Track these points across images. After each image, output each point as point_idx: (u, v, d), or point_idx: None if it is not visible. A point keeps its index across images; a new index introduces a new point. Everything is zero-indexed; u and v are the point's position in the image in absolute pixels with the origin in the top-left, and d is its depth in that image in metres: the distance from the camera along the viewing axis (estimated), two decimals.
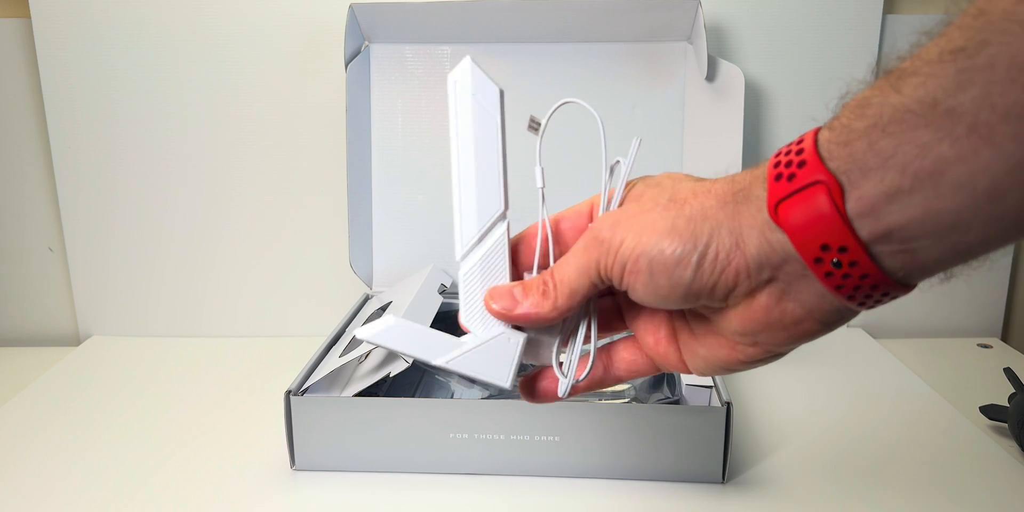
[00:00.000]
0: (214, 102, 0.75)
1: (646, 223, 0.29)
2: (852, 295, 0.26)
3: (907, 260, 0.25)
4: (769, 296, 0.28)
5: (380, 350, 0.56)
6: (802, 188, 0.25)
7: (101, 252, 0.79)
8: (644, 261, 0.29)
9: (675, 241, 0.28)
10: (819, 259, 0.26)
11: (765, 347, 0.30)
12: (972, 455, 0.55)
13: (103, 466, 0.55)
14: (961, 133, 0.22)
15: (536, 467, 0.52)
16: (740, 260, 0.27)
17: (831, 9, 0.72)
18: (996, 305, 0.81)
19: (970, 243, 0.24)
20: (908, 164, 0.23)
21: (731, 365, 0.31)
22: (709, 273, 0.28)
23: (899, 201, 0.24)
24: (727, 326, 0.30)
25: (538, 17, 0.70)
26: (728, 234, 0.27)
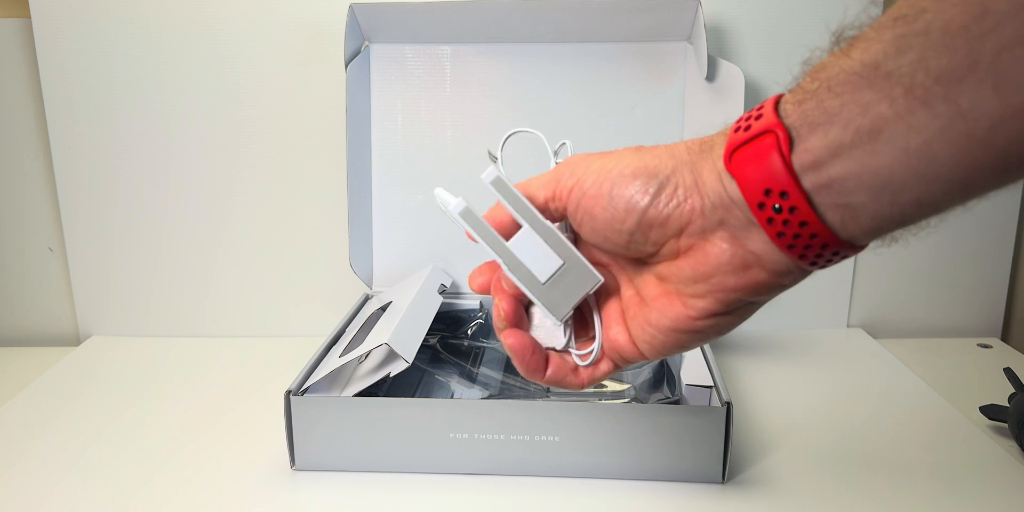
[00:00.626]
0: (214, 102, 0.75)
1: (616, 157, 0.31)
2: (793, 245, 0.28)
3: (846, 216, 0.26)
4: (721, 239, 0.29)
5: (380, 350, 0.56)
6: (755, 137, 0.27)
7: (101, 252, 0.79)
8: (607, 185, 0.30)
9: (639, 171, 0.30)
10: (762, 204, 0.27)
11: (716, 296, 0.30)
12: (972, 455, 0.55)
13: (103, 466, 0.55)
14: (899, 94, 0.24)
15: (536, 467, 0.52)
16: (697, 199, 0.29)
17: (831, 9, 0.72)
18: (996, 305, 0.81)
19: (903, 203, 0.25)
20: (850, 121, 0.25)
21: (682, 324, 0.31)
22: (665, 204, 0.29)
23: (840, 155, 0.25)
24: (679, 274, 0.31)
25: (538, 17, 0.70)
26: (689, 173, 0.29)
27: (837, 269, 0.78)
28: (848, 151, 0.25)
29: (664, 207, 0.29)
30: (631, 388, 0.62)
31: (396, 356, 0.53)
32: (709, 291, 0.30)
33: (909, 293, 0.80)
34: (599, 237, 0.32)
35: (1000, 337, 0.81)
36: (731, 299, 0.30)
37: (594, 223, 0.31)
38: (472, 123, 0.74)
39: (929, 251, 0.79)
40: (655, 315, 0.32)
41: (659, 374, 0.63)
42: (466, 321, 0.71)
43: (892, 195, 0.25)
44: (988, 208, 0.78)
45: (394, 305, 0.63)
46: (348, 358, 0.54)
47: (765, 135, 0.27)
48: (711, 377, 0.54)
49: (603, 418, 0.51)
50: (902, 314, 0.81)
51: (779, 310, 0.80)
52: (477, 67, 0.73)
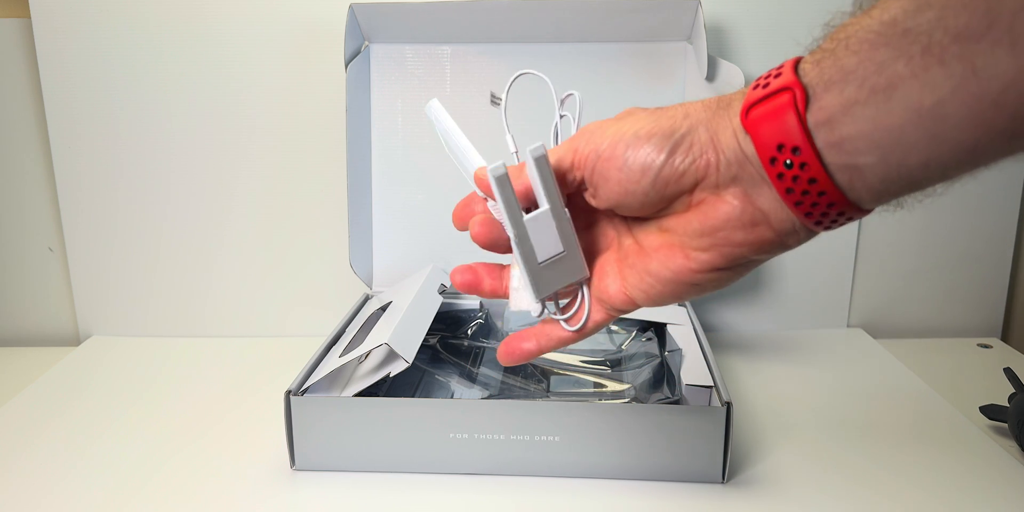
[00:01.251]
0: (214, 102, 0.75)
1: (631, 120, 0.32)
2: (800, 201, 0.28)
3: (854, 176, 0.27)
4: (733, 195, 0.30)
5: (380, 350, 0.56)
6: (772, 93, 0.28)
7: (101, 252, 0.79)
8: (622, 146, 0.31)
9: (654, 131, 0.30)
10: (774, 159, 0.28)
11: (720, 250, 0.31)
12: (972, 455, 0.55)
13: (103, 466, 0.55)
14: (916, 52, 0.24)
15: (536, 467, 0.52)
16: (712, 155, 0.29)
17: (831, 9, 0.72)
18: (996, 305, 0.81)
19: (912, 166, 0.26)
20: (866, 79, 0.25)
21: (682, 276, 0.32)
22: (680, 160, 0.30)
23: (853, 113, 0.26)
24: (686, 228, 0.31)
25: (538, 17, 0.70)
26: (705, 131, 0.30)
27: (837, 269, 0.78)
28: (861, 109, 0.26)
29: (680, 164, 0.30)
30: (631, 388, 0.62)
31: (396, 356, 0.53)
32: (714, 245, 0.31)
33: (909, 293, 0.80)
34: (614, 200, 0.32)
35: (1000, 337, 0.81)
36: (735, 254, 0.31)
37: (608, 185, 0.32)
38: (472, 123, 0.73)
39: (929, 251, 0.79)
40: (655, 265, 0.33)
41: (659, 374, 0.63)
42: (466, 321, 0.71)
43: (901, 156, 0.26)
44: (988, 208, 0.78)
45: (394, 305, 0.63)
46: (348, 358, 0.55)
47: (782, 92, 0.27)
48: (711, 377, 0.54)
49: (603, 418, 0.51)
50: (902, 314, 0.81)
51: (779, 310, 0.80)
52: (477, 67, 0.73)
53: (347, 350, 0.57)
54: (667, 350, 0.64)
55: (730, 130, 0.29)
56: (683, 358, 0.58)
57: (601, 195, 0.33)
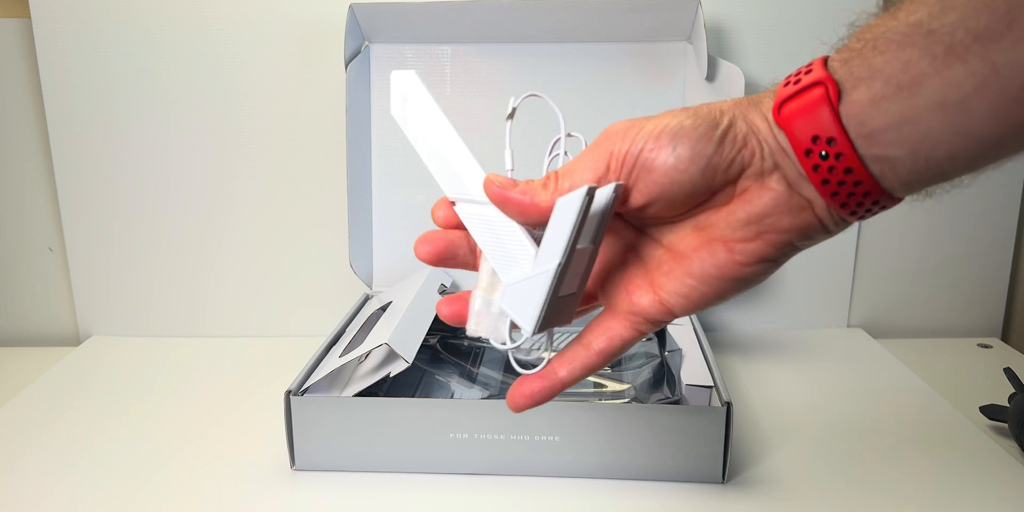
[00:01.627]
0: (214, 102, 0.75)
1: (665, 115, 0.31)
2: (837, 192, 0.29)
3: (885, 168, 0.28)
4: (777, 181, 0.30)
5: (380, 350, 0.56)
6: (805, 88, 0.29)
7: (101, 252, 0.79)
8: (667, 136, 0.30)
9: (698, 122, 0.30)
10: (809, 151, 0.28)
11: (766, 238, 0.30)
12: (972, 455, 0.55)
13: (103, 466, 0.55)
14: (939, 51, 0.25)
15: (536, 467, 0.52)
16: (755, 142, 0.30)
17: (831, 9, 0.72)
18: (996, 305, 0.81)
19: (939, 159, 0.27)
20: (892, 76, 0.26)
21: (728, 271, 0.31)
22: (729, 148, 0.30)
23: (881, 107, 0.27)
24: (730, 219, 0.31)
25: (538, 17, 0.70)
26: (743, 122, 0.30)
27: (837, 269, 0.78)
28: (889, 104, 0.27)
29: (728, 152, 0.30)
30: (631, 388, 0.62)
31: (396, 356, 0.53)
32: (760, 233, 0.30)
33: (909, 293, 0.80)
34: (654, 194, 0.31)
35: (1000, 337, 0.81)
36: (782, 241, 0.31)
37: (652, 177, 0.30)
38: (472, 123, 0.74)
39: (929, 251, 0.79)
40: (697, 265, 0.31)
41: (659, 374, 0.63)
42: None
43: (929, 149, 0.26)
44: (988, 209, 0.78)
45: (394, 305, 0.63)
46: (348, 358, 0.55)
47: (815, 87, 0.28)
48: (711, 377, 0.54)
49: (603, 418, 0.51)
50: (902, 314, 0.81)
51: (779, 310, 0.80)
52: (477, 67, 0.73)
53: (347, 350, 0.57)
54: (667, 350, 0.64)
55: (765, 124, 0.30)
56: (683, 358, 0.58)
57: (640, 189, 0.31)
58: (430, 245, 0.34)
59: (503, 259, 0.32)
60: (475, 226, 0.33)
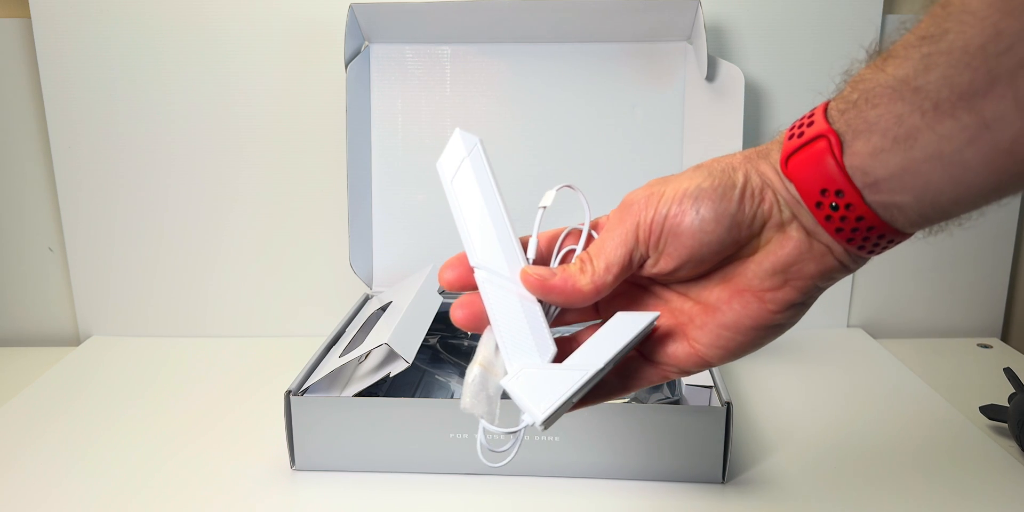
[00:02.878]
0: (214, 102, 0.75)
1: (681, 179, 0.32)
2: (852, 238, 0.29)
3: (894, 212, 0.28)
4: (797, 230, 0.31)
5: (380, 350, 0.56)
6: (809, 142, 0.29)
7: (101, 252, 0.79)
8: (689, 199, 0.31)
9: (716, 184, 0.31)
10: (819, 203, 0.29)
11: (793, 284, 0.31)
12: (972, 455, 0.55)
13: (103, 466, 0.55)
14: (928, 107, 0.25)
15: (536, 467, 0.52)
16: (771, 195, 0.31)
17: (831, 9, 0.72)
18: (996, 305, 0.81)
19: (944, 203, 0.27)
20: (888, 130, 0.27)
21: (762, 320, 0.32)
22: (749, 204, 0.31)
23: (881, 159, 0.27)
24: (757, 270, 0.31)
25: (538, 17, 0.70)
26: (756, 176, 0.31)
27: None
28: (888, 156, 0.27)
29: (749, 208, 0.31)
30: None
31: (396, 356, 0.53)
32: (787, 280, 0.31)
33: (909, 293, 0.80)
34: (684, 256, 0.31)
35: (1000, 337, 0.81)
36: (808, 287, 0.31)
37: (680, 240, 0.31)
38: (472, 123, 0.74)
39: (929, 251, 0.79)
40: (731, 317, 0.32)
41: None
42: None
43: (933, 196, 0.27)
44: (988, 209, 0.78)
45: (394, 305, 0.63)
46: (348, 358, 0.54)
47: (818, 140, 0.29)
48: (711, 377, 0.54)
49: (603, 418, 0.51)
50: (902, 314, 0.81)
51: None
52: (477, 67, 0.73)
53: (347, 350, 0.57)
54: None
55: (777, 177, 0.31)
56: None
57: (669, 253, 0.32)
58: (467, 309, 0.34)
59: (512, 336, 0.32)
60: (492, 297, 0.32)
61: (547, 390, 0.31)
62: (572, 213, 0.37)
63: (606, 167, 0.73)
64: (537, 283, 0.32)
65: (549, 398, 0.30)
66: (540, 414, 0.30)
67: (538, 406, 0.30)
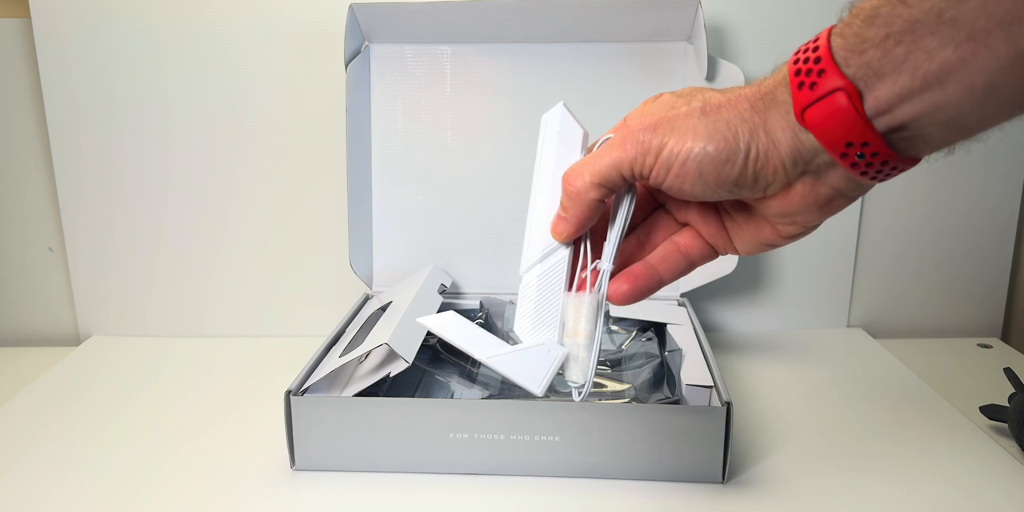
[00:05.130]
0: (214, 102, 0.75)
1: (687, 127, 0.32)
2: (874, 176, 0.31)
3: (917, 141, 0.30)
4: (803, 185, 0.32)
5: (380, 350, 0.56)
6: (824, 96, 0.29)
7: (101, 252, 0.79)
8: (693, 164, 0.32)
9: (719, 144, 0.32)
10: (845, 154, 0.30)
11: (802, 224, 0.34)
12: (972, 455, 0.55)
13: (103, 466, 0.55)
14: (962, 39, 0.26)
15: (536, 467, 0.52)
16: (776, 158, 0.32)
17: (831, 9, 0.72)
18: (996, 305, 0.81)
19: (969, 126, 0.28)
20: (917, 68, 0.27)
21: (775, 242, 0.36)
22: (752, 169, 0.32)
23: (910, 99, 0.28)
24: (768, 211, 0.34)
25: (538, 17, 0.70)
26: (764, 135, 0.31)
27: (837, 269, 0.79)
28: (918, 95, 0.27)
29: (751, 171, 0.32)
30: (631, 388, 0.62)
31: (396, 356, 0.53)
32: (795, 222, 0.34)
33: (909, 293, 0.80)
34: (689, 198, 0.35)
35: (1000, 337, 0.81)
36: (813, 224, 0.35)
37: (683, 191, 0.34)
38: (472, 123, 0.74)
39: (929, 251, 0.79)
40: (750, 234, 0.36)
41: (659, 374, 0.63)
42: None
43: (959, 122, 0.28)
44: (988, 208, 0.78)
45: (394, 305, 0.63)
46: (348, 358, 0.55)
47: (835, 93, 0.29)
48: (711, 377, 0.54)
49: (603, 418, 0.51)
50: (902, 314, 0.81)
51: (779, 310, 0.80)
52: (477, 67, 0.73)
53: (347, 350, 0.57)
54: (667, 350, 0.64)
55: (788, 132, 0.31)
56: (683, 358, 0.58)
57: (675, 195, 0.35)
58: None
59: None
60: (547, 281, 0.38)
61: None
62: None
63: None
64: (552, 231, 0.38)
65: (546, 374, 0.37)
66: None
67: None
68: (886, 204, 0.78)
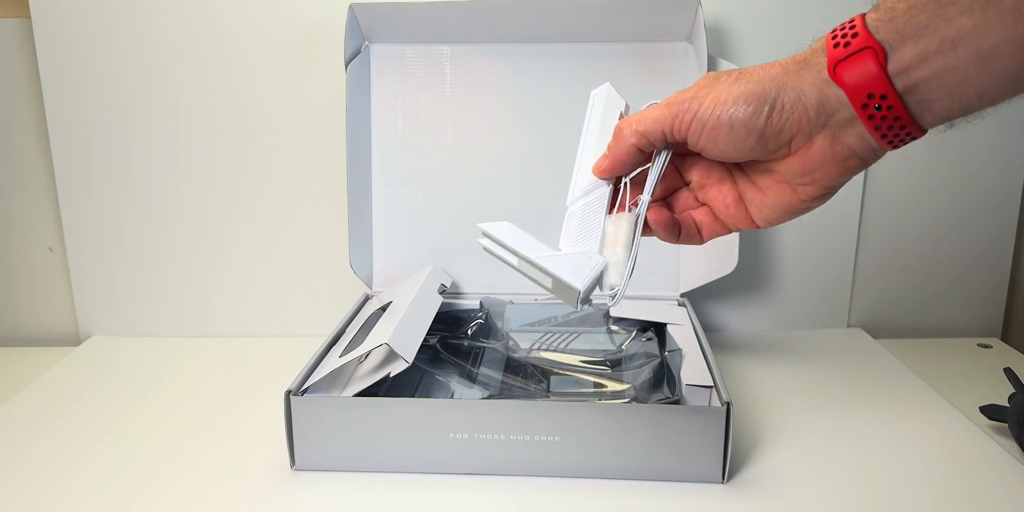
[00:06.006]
0: (214, 102, 0.75)
1: (722, 89, 0.38)
2: (885, 134, 0.35)
3: (924, 108, 0.34)
4: (823, 139, 0.36)
5: (380, 350, 0.56)
6: (856, 52, 0.34)
7: (101, 252, 0.79)
8: (725, 118, 0.37)
9: (749, 99, 0.37)
10: (865, 105, 0.35)
11: (820, 184, 0.38)
12: (972, 455, 0.55)
13: (103, 466, 0.55)
14: (979, 6, 0.31)
15: (536, 467, 0.52)
16: (802, 111, 0.36)
17: (831, 9, 0.72)
18: (996, 305, 0.81)
19: (969, 96, 0.33)
20: (936, 32, 0.32)
21: (794, 206, 0.40)
22: (777, 120, 0.36)
23: (927, 61, 0.33)
24: (789, 171, 0.38)
25: (538, 17, 0.70)
26: (792, 91, 0.36)
27: (837, 269, 0.79)
28: (933, 57, 0.32)
29: (777, 122, 0.36)
30: (631, 388, 0.62)
31: (396, 356, 0.53)
32: (814, 180, 0.38)
33: (909, 293, 0.80)
34: (722, 154, 0.39)
35: (1000, 337, 0.81)
36: (831, 184, 0.38)
37: (717, 145, 0.38)
38: (472, 123, 0.74)
39: (929, 251, 0.79)
40: (771, 200, 0.40)
41: (659, 374, 0.63)
42: (466, 321, 0.71)
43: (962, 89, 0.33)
44: (988, 208, 0.78)
45: (394, 305, 0.63)
46: (348, 358, 0.55)
47: (864, 51, 0.34)
48: (711, 377, 0.54)
49: (603, 418, 0.51)
50: (902, 314, 0.81)
51: (779, 310, 0.80)
52: (477, 67, 0.73)
53: (347, 350, 0.57)
54: (667, 350, 0.64)
55: (815, 87, 0.36)
56: (683, 358, 0.58)
57: (709, 152, 0.39)
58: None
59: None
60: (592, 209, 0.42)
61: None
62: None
63: None
64: (594, 168, 0.43)
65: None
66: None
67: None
68: (886, 204, 0.78)
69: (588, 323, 0.73)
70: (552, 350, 0.70)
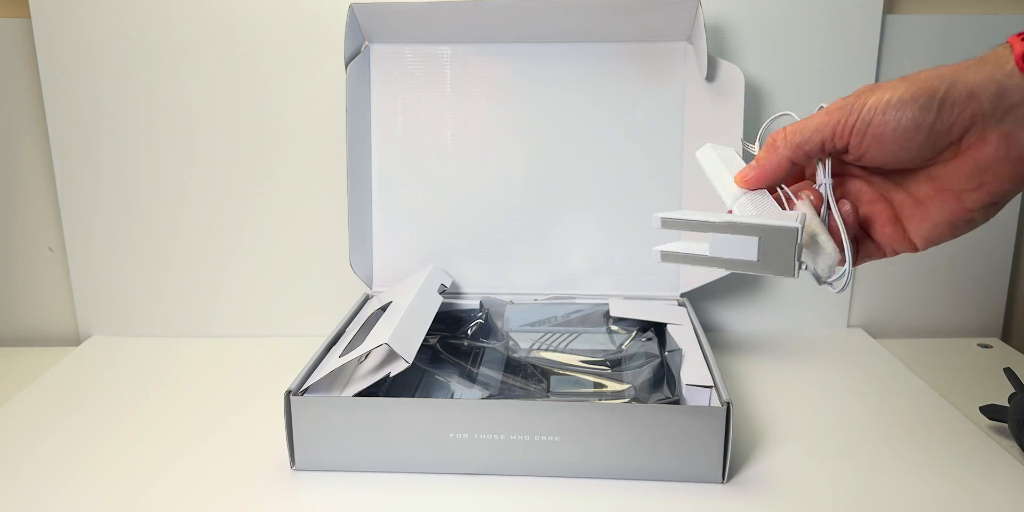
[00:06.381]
0: (214, 102, 0.75)
1: (886, 89, 0.36)
2: None
3: None
4: (999, 136, 0.35)
5: (380, 350, 0.56)
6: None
7: (101, 252, 0.79)
8: (892, 111, 0.35)
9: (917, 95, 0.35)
10: None
11: (988, 188, 0.36)
12: (972, 455, 0.55)
13: (103, 466, 0.55)
14: None
15: (536, 467, 0.52)
16: (976, 106, 0.35)
17: (831, 9, 0.72)
18: (996, 305, 0.81)
19: None
20: None
21: (958, 218, 0.38)
22: (948, 114, 0.35)
23: None
24: (956, 175, 0.37)
25: (538, 17, 0.70)
26: (963, 85, 0.35)
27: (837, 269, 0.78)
28: None
29: (948, 118, 0.35)
30: (631, 388, 0.62)
31: (396, 356, 0.53)
32: (983, 184, 0.36)
33: (909, 293, 0.80)
34: (886, 158, 0.37)
35: (1000, 337, 0.81)
36: (1001, 189, 0.36)
37: (883, 146, 0.36)
38: (472, 123, 0.74)
39: (929, 251, 0.79)
40: (933, 212, 0.38)
41: (659, 374, 0.63)
42: (466, 321, 0.71)
43: None
44: None
45: (394, 305, 0.63)
46: (348, 358, 0.55)
47: None
48: (711, 377, 0.54)
49: (603, 418, 0.51)
50: (902, 314, 0.81)
51: (779, 310, 0.80)
52: (477, 67, 0.73)
53: (347, 350, 0.57)
54: (667, 350, 0.64)
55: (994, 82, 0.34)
56: (683, 358, 0.58)
57: (873, 155, 0.37)
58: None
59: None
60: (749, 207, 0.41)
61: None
62: None
63: (606, 167, 0.73)
64: (739, 177, 0.42)
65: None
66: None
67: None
68: None
69: (588, 323, 0.73)
70: (552, 350, 0.70)
